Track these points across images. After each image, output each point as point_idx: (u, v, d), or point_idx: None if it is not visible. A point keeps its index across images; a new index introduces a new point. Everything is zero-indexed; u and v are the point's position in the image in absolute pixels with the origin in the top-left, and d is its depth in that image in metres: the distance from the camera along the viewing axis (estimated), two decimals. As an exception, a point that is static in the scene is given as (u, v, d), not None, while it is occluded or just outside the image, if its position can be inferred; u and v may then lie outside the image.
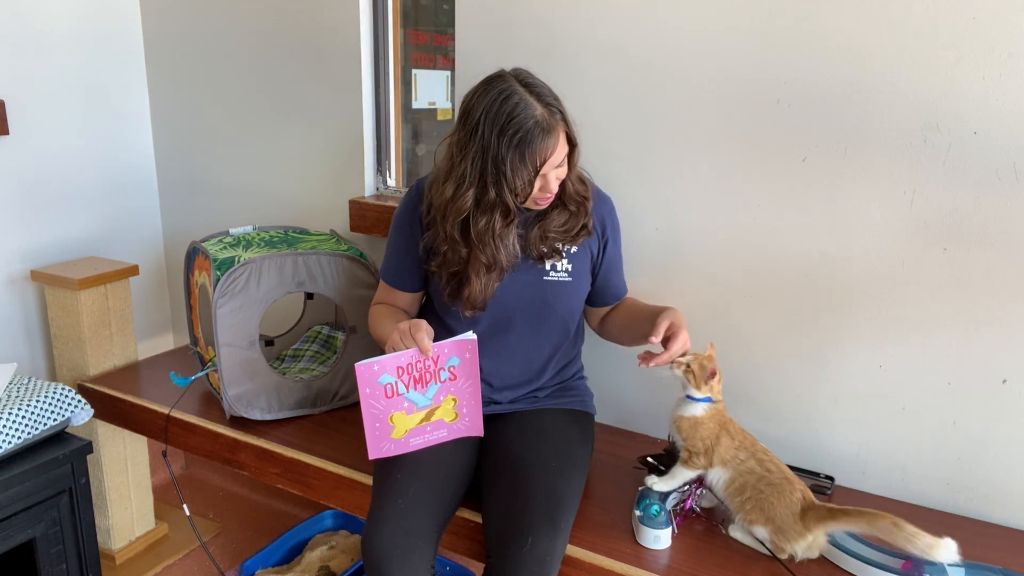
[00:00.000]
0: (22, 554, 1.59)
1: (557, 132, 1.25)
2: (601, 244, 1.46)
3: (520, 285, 1.40)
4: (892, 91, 1.35)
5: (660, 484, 1.34)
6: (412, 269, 1.46)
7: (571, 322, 1.47)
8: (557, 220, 1.38)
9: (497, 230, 1.30)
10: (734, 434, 1.32)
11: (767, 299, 1.54)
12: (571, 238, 1.40)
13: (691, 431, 1.32)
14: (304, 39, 1.97)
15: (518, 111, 1.22)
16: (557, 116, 1.26)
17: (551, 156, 1.25)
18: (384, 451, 1.31)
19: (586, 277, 1.45)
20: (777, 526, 1.23)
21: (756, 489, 1.26)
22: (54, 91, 2.01)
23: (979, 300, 1.36)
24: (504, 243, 1.32)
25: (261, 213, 2.20)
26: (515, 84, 1.25)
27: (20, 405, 1.53)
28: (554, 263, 1.41)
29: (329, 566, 1.90)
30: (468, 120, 1.26)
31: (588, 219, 1.40)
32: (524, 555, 1.16)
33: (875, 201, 1.40)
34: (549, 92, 1.28)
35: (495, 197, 1.26)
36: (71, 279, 1.84)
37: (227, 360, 1.60)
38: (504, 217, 1.29)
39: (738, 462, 1.29)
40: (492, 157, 1.23)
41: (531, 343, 1.44)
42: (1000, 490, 1.41)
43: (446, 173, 1.31)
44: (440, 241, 1.35)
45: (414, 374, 1.26)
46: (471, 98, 1.27)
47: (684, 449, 1.33)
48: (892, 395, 1.47)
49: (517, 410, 1.47)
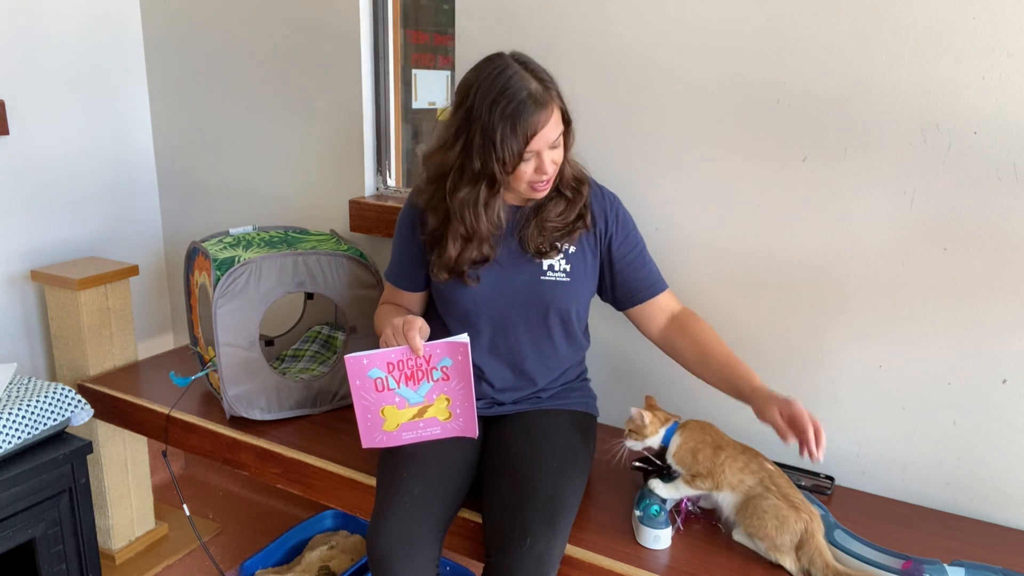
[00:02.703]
0: (22, 554, 1.59)
1: (551, 107, 1.24)
2: (604, 242, 1.43)
3: (517, 285, 1.39)
4: (892, 91, 1.35)
5: (663, 491, 1.33)
6: (414, 270, 1.46)
7: (572, 323, 1.45)
8: (554, 210, 1.37)
9: (481, 199, 1.29)
10: (733, 453, 1.28)
11: (767, 299, 1.54)
12: (568, 230, 1.38)
13: (688, 458, 1.30)
14: (304, 39, 1.97)
15: (512, 83, 1.22)
16: (552, 92, 1.25)
17: (543, 129, 1.23)
18: (377, 441, 1.32)
19: (585, 278, 1.43)
20: (775, 547, 1.22)
21: (760, 509, 1.23)
22: (54, 91, 2.01)
23: (979, 300, 1.36)
24: (488, 212, 1.31)
25: (261, 213, 2.20)
26: (511, 61, 1.26)
27: (20, 405, 1.53)
28: (551, 263, 1.40)
29: (329, 566, 1.90)
30: (462, 94, 1.27)
31: (585, 210, 1.39)
32: (523, 555, 1.16)
33: (875, 201, 1.40)
34: (545, 72, 1.28)
35: (480, 167, 1.26)
36: (71, 279, 1.84)
37: (227, 360, 1.60)
38: (490, 187, 1.29)
39: (746, 488, 1.26)
40: (483, 127, 1.23)
41: (531, 345, 1.43)
42: (1000, 490, 1.41)
43: (438, 146, 1.32)
44: (428, 208, 1.37)
45: (405, 371, 1.26)
46: (468, 75, 1.28)
47: (687, 473, 1.31)
48: (892, 395, 1.46)
49: (520, 411, 1.47)
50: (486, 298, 1.38)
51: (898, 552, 1.22)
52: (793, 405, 1.19)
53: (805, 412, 1.17)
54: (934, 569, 1.15)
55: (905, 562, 1.18)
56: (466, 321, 1.41)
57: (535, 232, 1.37)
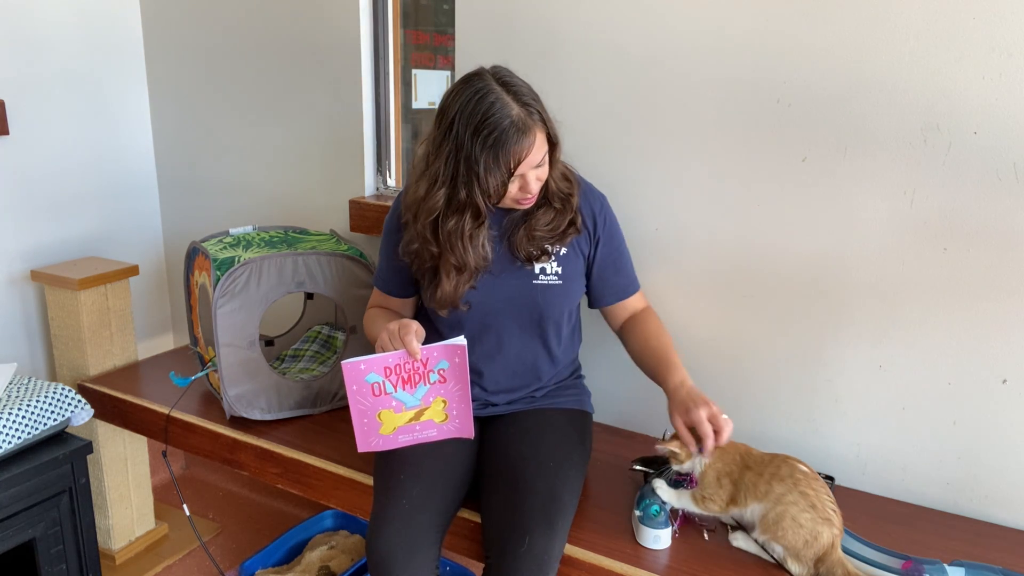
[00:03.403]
0: (22, 554, 1.59)
1: (533, 132, 1.22)
2: (593, 242, 1.43)
3: (509, 289, 1.38)
4: (892, 91, 1.35)
5: (666, 494, 1.31)
6: (401, 275, 1.44)
7: (565, 324, 1.45)
8: (543, 219, 1.35)
9: (466, 231, 1.28)
10: (759, 469, 1.25)
11: (767, 299, 1.54)
12: (559, 237, 1.37)
13: (712, 483, 1.27)
14: (304, 39, 1.97)
15: (493, 111, 1.19)
16: (535, 116, 1.23)
17: (526, 156, 1.22)
18: (373, 445, 1.31)
19: (577, 279, 1.43)
20: (797, 556, 1.20)
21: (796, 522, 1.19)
22: (54, 91, 2.01)
23: (979, 300, 1.36)
24: (473, 245, 1.30)
25: (261, 213, 2.20)
26: (492, 83, 1.22)
27: (20, 405, 1.53)
28: (543, 266, 1.39)
29: (329, 566, 1.90)
30: (444, 119, 1.24)
31: (576, 216, 1.38)
32: (522, 555, 1.16)
33: (875, 201, 1.40)
34: (528, 91, 1.25)
35: (466, 198, 1.24)
36: (71, 279, 1.84)
37: (227, 360, 1.60)
38: (474, 219, 1.27)
39: (775, 496, 1.21)
40: (465, 157, 1.21)
41: (524, 346, 1.43)
42: (1000, 490, 1.41)
43: (420, 172, 1.30)
44: (413, 239, 1.34)
45: (402, 375, 1.25)
46: (447, 97, 1.25)
47: (699, 492, 1.28)
48: (892, 395, 1.46)
49: (515, 410, 1.47)
50: (479, 304, 1.37)
51: (898, 552, 1.22)
52: (693, 413, 1.20)
53: (704, 418, 1.19)
54: (934, 569, 1.15)
55: (905, 562, 1.18)
56: (459, 327, 1.39)
57: (524, 239, 1.36)
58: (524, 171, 1.24)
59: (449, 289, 1.33)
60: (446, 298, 1.34)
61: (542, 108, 1.25)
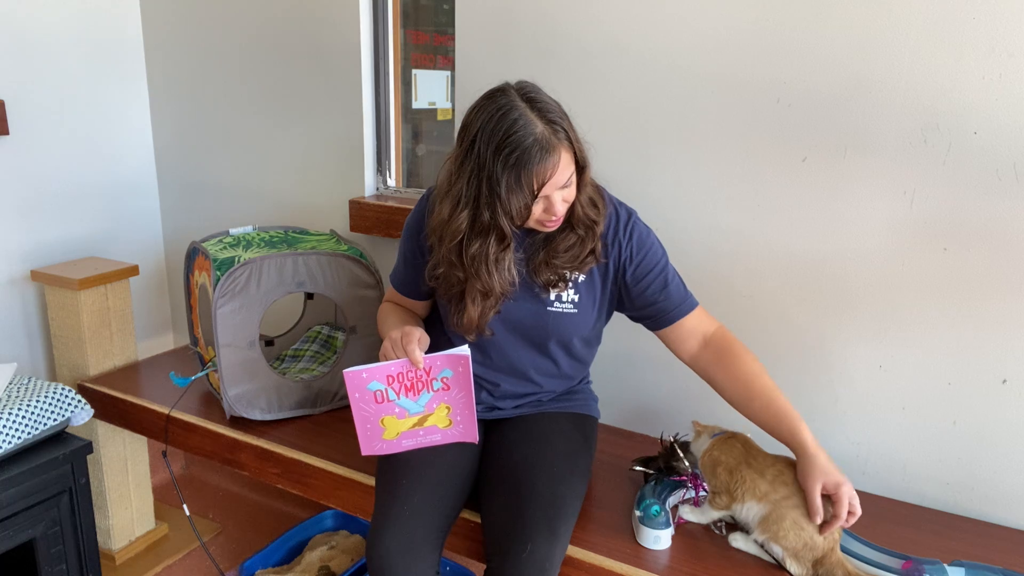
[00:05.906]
0: (22, 554, 1.59)
1: (558, 151, 1.15)
2: (619, 269, 1.33)
3: (523, 313, 1.35)
4: (892, 91, 1.35)
5: (691, 515, 1.32)
6: (418, 278, 1.40)
7: (575, 348, 1.42)
8: (563, 244, 1.28)
9: (491, 255, 1.22)
10: (761, 467, 1.25)
11: (767, 299, 1.54)
12: (578, 264, 1.30)
13: (708, 471, 1.30)
14: (304, 39, 1.97)
15: (516, 128, 1.13)
16: (561, 135, 1.16)
17: (551, 177, 1.15)
18: (377, 449, 1.32)
19: (594, 308, 1.36)
20: (796, 557, 1.20)
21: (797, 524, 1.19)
22: (54, 91, 2.01)
23: (979, 300, 1.36)
24: (499, 269, 1.24)
25: (261, 213, 2.20)
26: (516, 99, 1.16)
27: (20, 405, 1.53)
28: (559, 294, 1.33)
29: (329, 566, 1.90)
30: (466, 136, 1.19)
31: (596, 244, 1.29)
32: (523, 560, 1.15)
33: (875, 201, 1.40)
34: (556, 108, 1.18)
35: (489, 220, 1.18)
36: (71, 279, 1.84)
37: (227, 360, 1.60)
38: (499, 242, 1.21)
39: (777, 498, 1.22)
40: (487, 177, 1.15)
41: (534, 362, 1.41)
42: (1000, 490, 1.41)
43: (444, 192, 1.23)
44: (438, 263, 1.29)
45: (405, 383, 1.25)
46: (470, 113, 1.19)
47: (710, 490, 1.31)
48: (892, 395, 1.47)
49: (520, 414, 1.46)
50: (492, 325, 1.35)
51: (898, 552, 1.22)
52: (842, 488, 1.16)
53: (846, 499, 1.16)
54: (934, 569, 1.15)
55: (905, 562, 1.18)
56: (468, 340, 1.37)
57: (543, 265, 1.30)
58: (549, 192, 1.18)
59: (475, 315, 1.28)
60: (471, 324, 1.30)
61: (570, 127, 1.19)
